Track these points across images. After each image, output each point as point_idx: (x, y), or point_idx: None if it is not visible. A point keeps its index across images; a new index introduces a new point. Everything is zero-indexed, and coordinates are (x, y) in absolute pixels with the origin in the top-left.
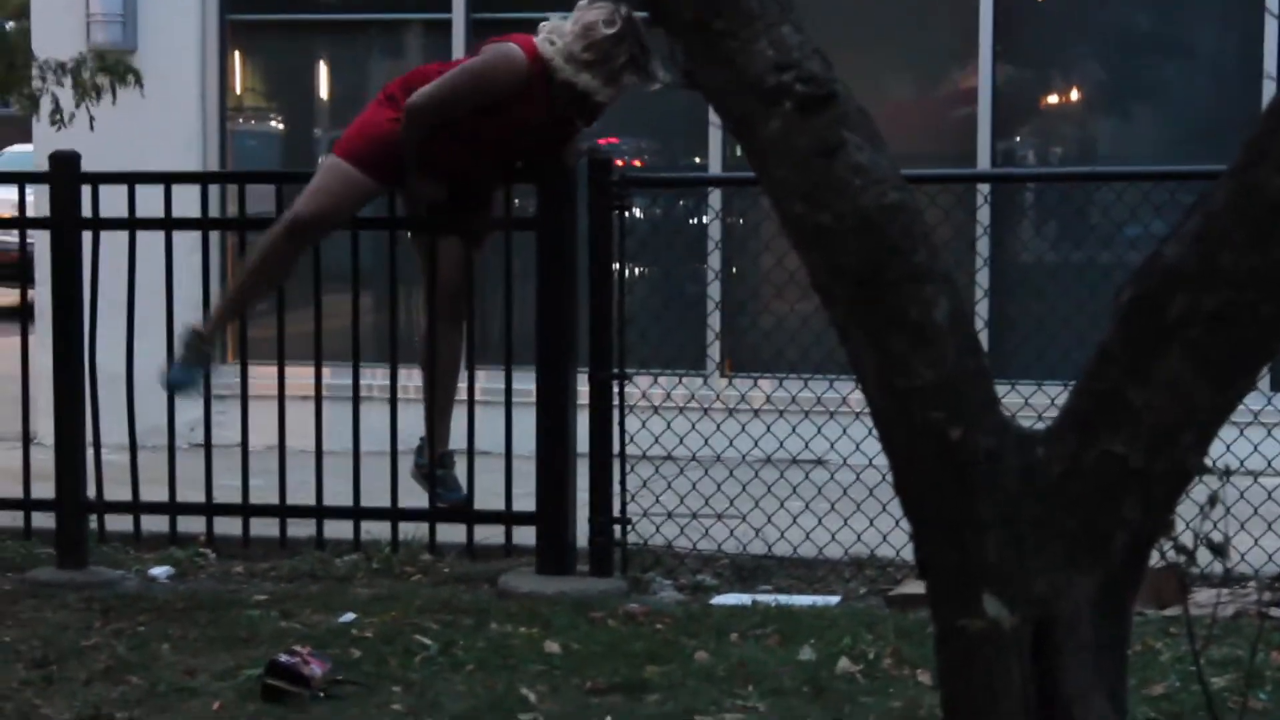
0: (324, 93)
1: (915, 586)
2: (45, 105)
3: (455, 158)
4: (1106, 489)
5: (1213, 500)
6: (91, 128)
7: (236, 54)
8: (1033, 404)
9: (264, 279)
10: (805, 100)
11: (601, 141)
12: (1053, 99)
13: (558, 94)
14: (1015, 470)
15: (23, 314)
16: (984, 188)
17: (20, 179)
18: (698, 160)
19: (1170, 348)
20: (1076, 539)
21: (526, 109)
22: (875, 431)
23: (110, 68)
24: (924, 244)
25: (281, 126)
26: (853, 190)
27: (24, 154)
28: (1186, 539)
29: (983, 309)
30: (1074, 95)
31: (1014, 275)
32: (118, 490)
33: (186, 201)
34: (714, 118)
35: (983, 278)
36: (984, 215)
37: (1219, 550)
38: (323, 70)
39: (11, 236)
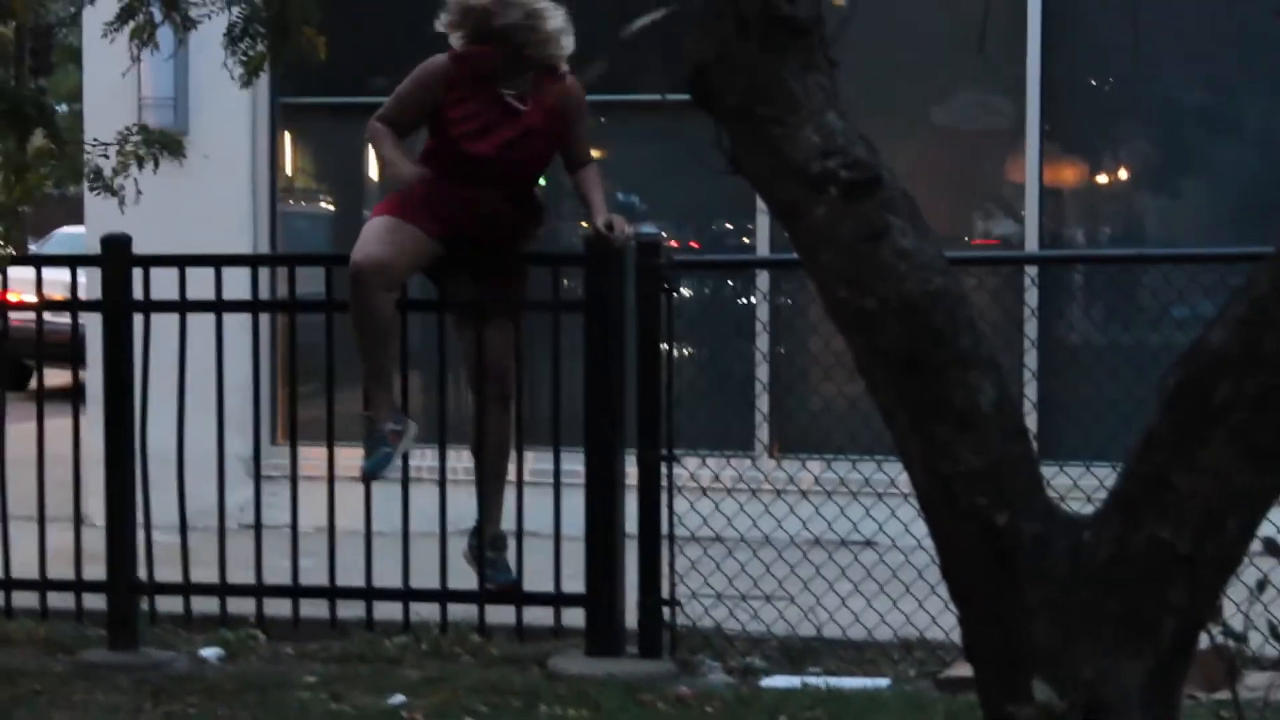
0: (373, 174)
1: (965, 669)
2: (105, 181)
3: (458, 194)
4: (1153, 574)
5: (1262, 585)
6: (137, 200)
7: (287, 136)
8: (1081, 486)
9: (370, 340)
10: (850, 186)
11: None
12: (1101, 179)
13: (479, 68)
14: (1062, 555)
15: (74, 395)
16: (1032, 269)
17: (72, 261)
18: (745, 241)
19: (1216, 433)
20: (1124, 624)
21: (472, 101)
22: (923, 514)
23: (154, 139)
24: (969, 329)
25: (331, 208)
26: (897, 275)
27: (74, 236)
28: (1236, 622)
29: (1031, 391)
30: (1122, 175)
31: (1062, 357)
32: (168, 571)
33: (237, 283)
34: (760, 205)
35: (1030, 359)
36: (1031, 297)
37: (1276, 634)
38: (371, 152)
39: (63, 318)
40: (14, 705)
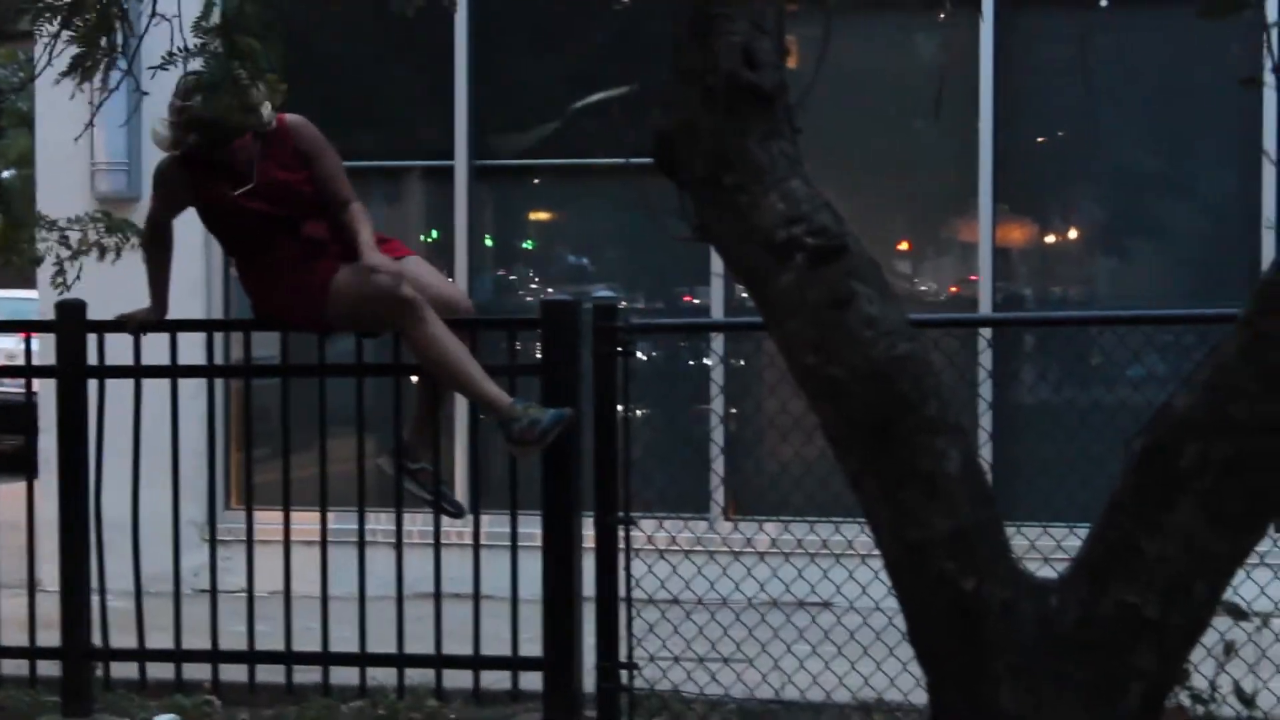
0: None
1: None
2: (48, 268)
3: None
4: (1121, 638)
5: (1229, 649)
6: (78, 277)
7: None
8: (1039, 546)
9: (455, 353)
10: (816, 253)
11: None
12: (1053, 240)
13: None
14: (1029, 620)
15: (28, 461)
16: (986, 331)
17: (27, 327)
18: (698, 303)
19: (1182, 498)
20: (1092, 688)
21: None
22: (882, 575)
23: (116, 226)
24: (935, 395)
25: None
26: (864, 342)
27: (11, 300)
28: (1199, 682)
29: (987, 452)
30: (1074, 236)
31: (1017, 418)
32: (123, 637)
33: (191, 347)
34: (715, 263)
35: (986, 421)
36: (986, 359)
37: (1247, 700)
38: None
39: (15, 386)
40: None
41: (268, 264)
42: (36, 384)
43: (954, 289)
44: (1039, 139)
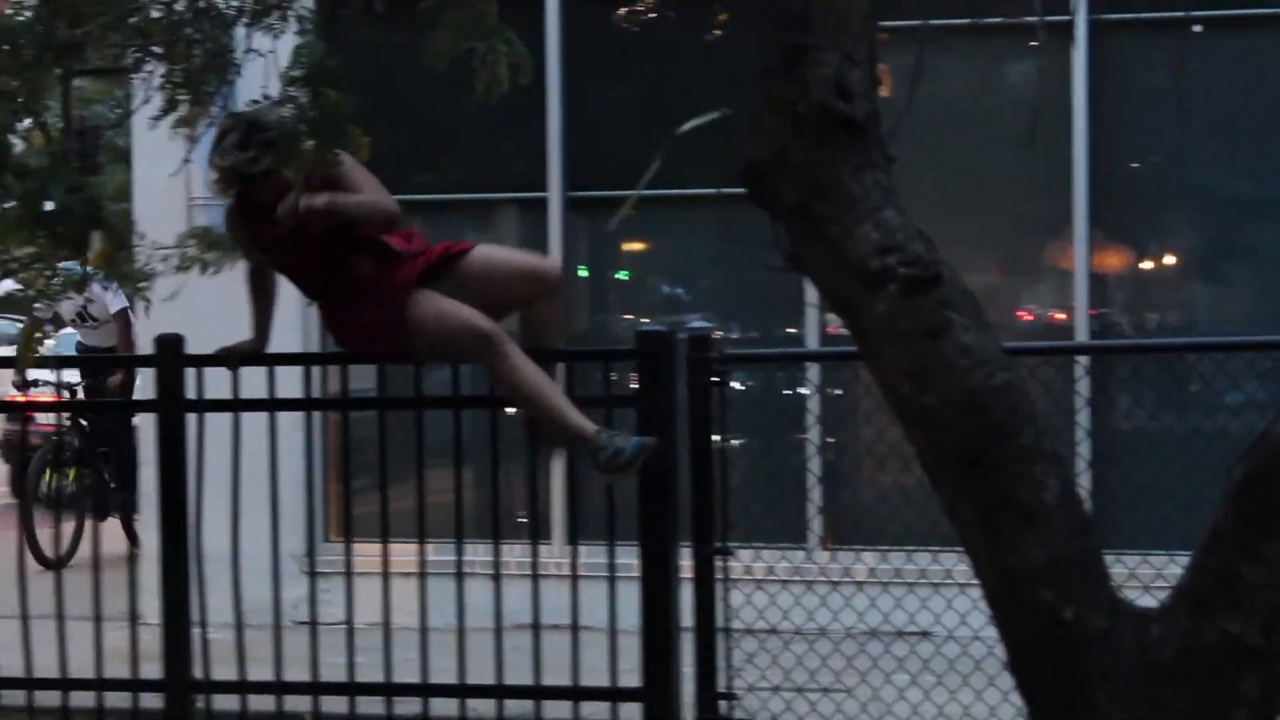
0: None
1: None
2: (157, 286)
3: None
4: (1224, 667)
5: None
6: (175, 295)
7: None
8: (1138, 575)
9: (540, 383)
10: (910, 282)
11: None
12: (1149, 265)
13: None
14: (1130, 649)
15: (128, 493)
16: (1083, 359)
17: (129, 361)
18: (792, 331)
19: None
20: (1194, 717)
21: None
22: (980, 604)
23: (216, 243)
24: (1031, 423)
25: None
26: (959, 371)
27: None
28: None
29: (1085, 480)
30: (1169, 261)
31: (1116, 445)
32: (224, 669)
33: (290, 381)
34: (810, 292)
35: (1084, 449)
36: (1084, 386)
37: None
38: None
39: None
40: None
41: (336, 304)
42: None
43: (1050, 316)
44: (1133, 164)
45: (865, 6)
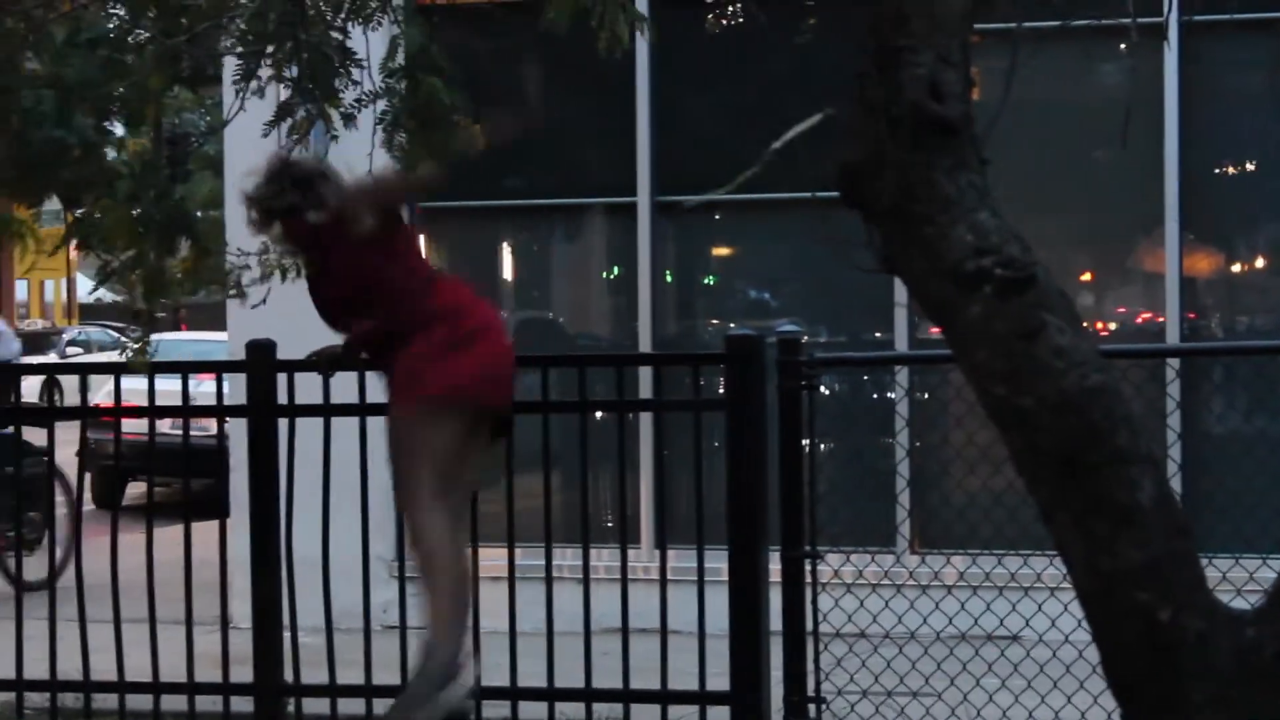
0: (509, 276)
1: None
2: (240, 287)
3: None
4: None
5: None
6: (264, 302)
7: (424, 239)
8: (1231, 578)
9: (436, 568)
10: (1005, 284)
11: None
12: (1240, 267)
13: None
14: (1226, 651)
15: (220, 500)
16: (1175, 361)
17: (219, 367)
18: (879, 335)
19: None
20: None
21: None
22: (1071, 608)
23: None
24: (1126, 425)
25: None
26: (1054, 373)
27: (169, 342)
28: None
29: (1176, 483)
30: (1261, 263)
31: (1208, 449)
32: (314, 673)
33: (379, 386)
34: (899, 294)
35: (1175, 452)
36: (1175, 389)
37: None
38: (508, 255)
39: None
40: None
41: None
42: (227, 425)
43: (1141, 319)
44: (1225, 166)
45: (961, 8)
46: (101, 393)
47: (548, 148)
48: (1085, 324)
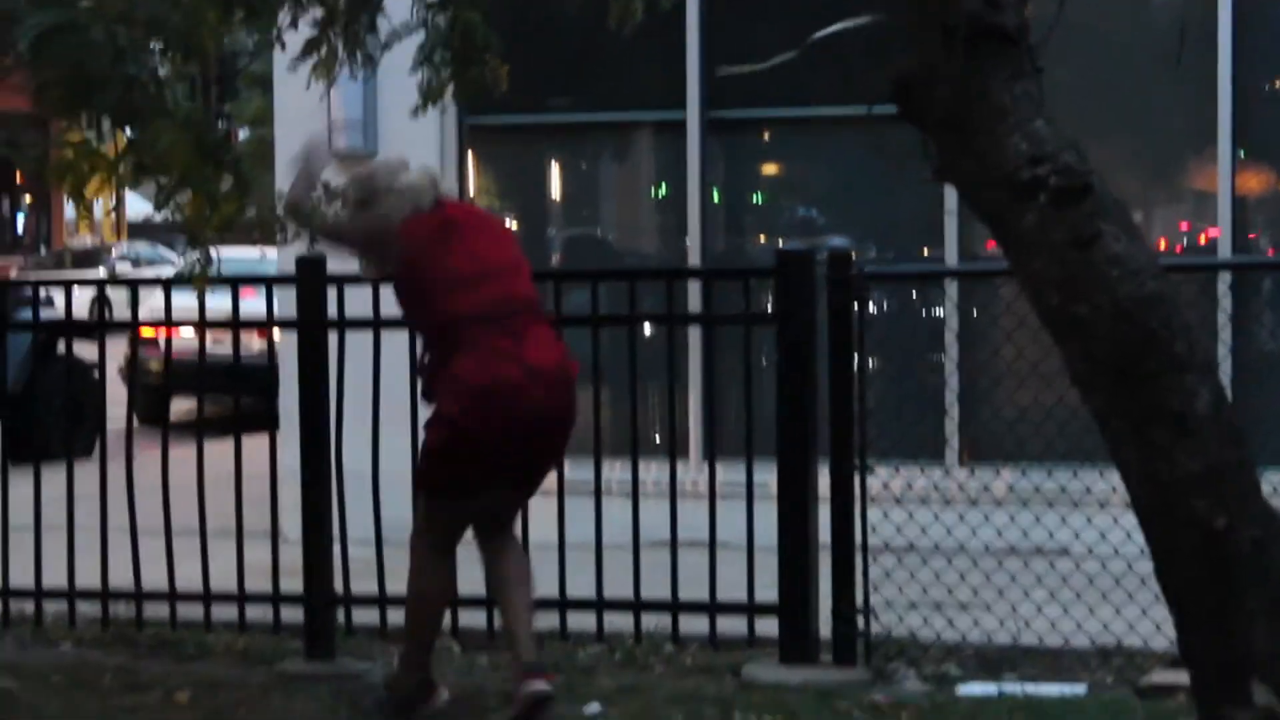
0: (556, 193)
1: (1165, 676)
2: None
3: None
4: None
5: None
6: (312, 246)
7: (472, 156)
8: None
9: (423, 600)
10: (1060, 193)
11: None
12: None
13: None
14: None
15: (270, 414)
16: (1226, 275)
17: (268, 281)
18: (927, 252)
19: None
20: None
21: None
22: (1121, 520)
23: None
24: (1183, 334)
25: (515, 227)
26: (1110, 281)
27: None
28: None
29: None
30: None
31: (1259, 364)
32: (363, 584)
33: None
34: (948, 207)
35: (1226, 366)
36: (1227, 304)
37: None
38: (556, 171)
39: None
40: (215, 715)
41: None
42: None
43: (1192, 236)
44: (1278, 83)
45: None
46: (144, 310)
47: (596, 63)
48: (1142, 233)
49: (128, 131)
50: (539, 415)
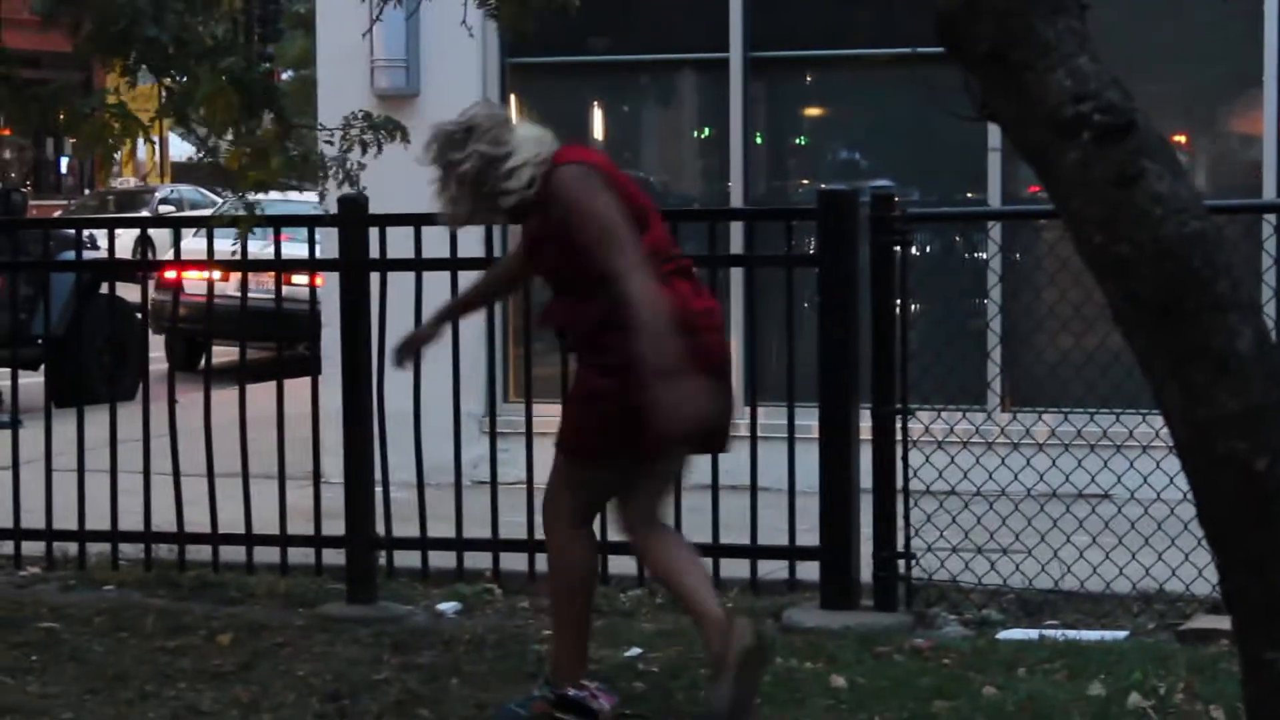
0: (599, 133)
1: (1207, 621)
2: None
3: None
4: None
5: None
6: (356, 185)
7: (514, 96)
8: None
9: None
10: (1104, 130)
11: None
12: None
13: None
14: None
15: (312, 356)
16: (1271, 218)
17: (310, 221)
18: (970, 195)
19: None
20: None
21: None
22: (1164, 465)
23: (378, 125)
24: (1226, 273)
25: None
26: (1153, 220)
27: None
28: None
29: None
30: None
31: None
32: (405, 527)
33: (470, 242)
34: (992, 140)
35: (1270, 309)
36: (1272, 245)
37: None
38: (598, 111)
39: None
40: (257, 657)
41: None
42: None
43: (1236, 177)
44: None
45: None
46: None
47: (639, 3)
48: (1186, 171)
49: (169, 78)
50: (725, 358)
